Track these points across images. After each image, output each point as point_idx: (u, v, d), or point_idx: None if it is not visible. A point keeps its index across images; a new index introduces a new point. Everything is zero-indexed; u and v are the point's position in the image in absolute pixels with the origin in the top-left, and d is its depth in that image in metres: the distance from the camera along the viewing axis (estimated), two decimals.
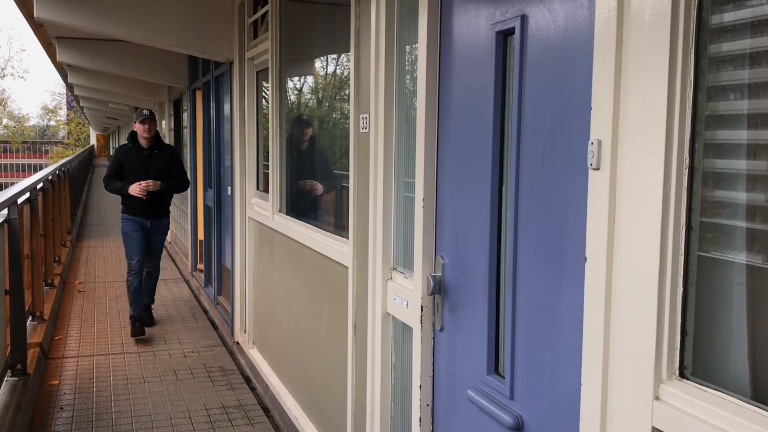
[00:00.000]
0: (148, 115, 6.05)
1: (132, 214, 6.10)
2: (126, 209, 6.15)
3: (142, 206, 6.00)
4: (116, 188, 6.04)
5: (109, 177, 6.10)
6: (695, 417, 1.30)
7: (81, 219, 14.83)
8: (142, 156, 6.02)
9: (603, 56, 1.48)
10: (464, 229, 2.21)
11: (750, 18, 1.29)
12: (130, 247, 6.14)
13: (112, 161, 6.19)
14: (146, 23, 5.58)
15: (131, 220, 6.11)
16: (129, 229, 6.12)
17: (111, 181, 6.07)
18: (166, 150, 6.24)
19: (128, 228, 6.12)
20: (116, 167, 6.09)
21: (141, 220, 6.10)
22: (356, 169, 3.01)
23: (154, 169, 6.01)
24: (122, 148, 6.22)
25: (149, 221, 6.14)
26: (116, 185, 6.03)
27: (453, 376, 2.30)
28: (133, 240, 6.14)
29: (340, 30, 3.29)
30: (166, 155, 6.16)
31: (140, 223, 6.11)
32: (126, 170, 6.00)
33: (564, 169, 1.69)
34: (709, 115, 1.35)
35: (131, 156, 6.03)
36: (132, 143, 6.06)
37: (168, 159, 6.16)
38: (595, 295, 1.53)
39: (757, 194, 1.28)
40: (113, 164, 6.12)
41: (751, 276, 1.30)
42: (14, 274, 4.58)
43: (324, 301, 3.62)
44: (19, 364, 4.55)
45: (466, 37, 2.17)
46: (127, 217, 6.14)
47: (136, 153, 6.03)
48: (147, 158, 6.02)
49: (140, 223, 6.11)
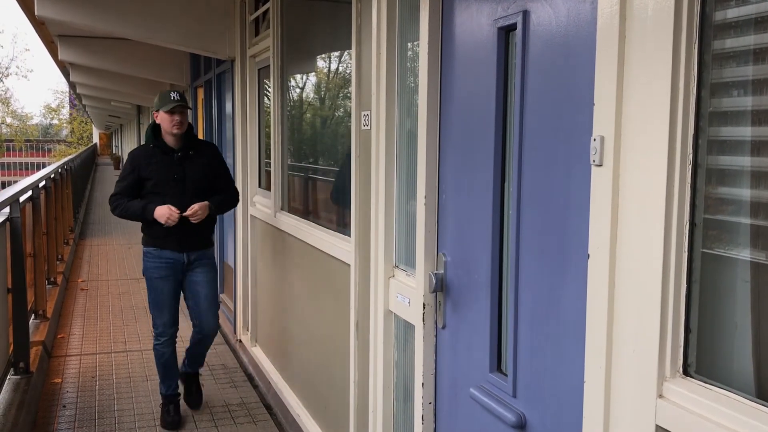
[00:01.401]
0: (179, 101, 3.93)
1: (159, 246, 4.04)
2: (150, 240, 4.08)
3: (173, 233, 3.96)
4: (133, 211, 3.96)
5: (118, 196, 4.02)
6: (699, 415, 1.30)
7: (84, 217, 14.85)
8: (172, 161, 3.98)
9: (605, 52, 1.47)
10: (466, 227, 2.20)
11: (754, 14, 1.27)
12: (156, 302, 4.11)
13: (123, 172, 4.09)
14: (148, 21, 5.57)
15: (158, 259, 4.06)
16: (154, 273, 4.06)
17: (121, 200, 3.99)
18: (205, 150, 4.17)
19: (153, 270, 4.07)
20: (131, 182, 3.99)
21: (173, 256, 4.06)
22: (358, 167, 3.00)
23: (192, 179, 4.00)
24: (140, 152, 4.11)
25: (186, 255, 4.08)
26: (132, 207, 3.96)
27: (455, 373, 2.29)
28: (159, 290, 4.08)
29: (341, 27, 3.28)
30: (206, 157, 4.12)
31: (172, 261, 4.06)
32: (150, 185, 3.97)
33: (566, 166, 1.68)
34: (712, 111, 1.34)
35: (155, 162, 3.98)
36: (154, 143, 4.01)
37: (210, 163, 4.13)
38: (598, 292, 1.52)
39: (761, 191, 1.27)
40: (125, 176, 4.02)
41: (755, 273, 1.29)
42: (17, 273, 4.58)
43: (326, 299, 3.62)
44: (22, 363, 4.55)
45: (468, 33, 2.15)
46: (151, 253, 4.07)
47: (162, 157, 3.99)
48: (180, 164, 4.00)
49: (172, 262, 4.06)
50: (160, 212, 3.90)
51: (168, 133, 3.99)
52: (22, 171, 60.35)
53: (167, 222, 3.88)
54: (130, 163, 4.05)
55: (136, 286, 8.21)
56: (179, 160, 4.02)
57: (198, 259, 4.15)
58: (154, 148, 4.03)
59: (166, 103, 3.94)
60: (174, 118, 3.94)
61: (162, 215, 3.89)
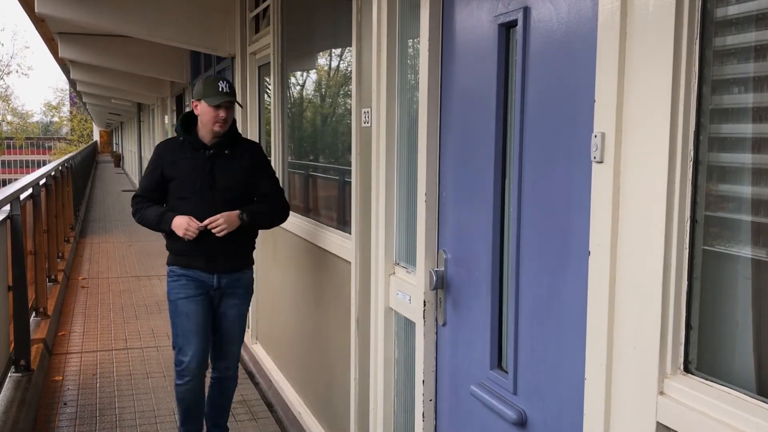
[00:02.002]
0: (228, 93, 3.26)
1: (185, 264, 3.36)
2: (173, 257, 3.43)
3: (201, 249, 3.29)
4: (149, 219, 3.34)
5: (139, 198, 3.43)
6: (700, 412, 1.29)
7: (84, 215, 14.85)
8: (202, 160, 3.31)
9: (606, 48, 1.47)
10: (467, 224, 2.20)
11: (755, 10, 1.27)
12: (181, 329, 3.36)
13: (147, 168, 3.48)
14: (148, 18, 5.57)
15: (183, 277, 3.37)
16: (179, 292, 3.37)
17: (141, 204, 3.40)
18: (245, 150, 3.45)
19: (178, 289, 3.38)
20: (153, 181, 3.38)
21: (201, 277, 3.36)
22: (358, 164, 3.00)
23: (223, 184, 3.32)
24: (166, 145, 3.50)
25: (216, 278, 3.38)
26: (150, 214, 3.34)
27: (456, 371, 2.29)
28: (185, 313, 3.35)
29: (341, 24, 3.28)
30: (245, 159, 3.39)
31: (200, 282, 3.37)
32: (173, 186, 3.34)
33: (567, 163, 1.68)
34: (713, 108, 1.34)
35: (183, 159, 3.33)
36: (185, 136, 3.34)
37: (250, 167, 3.40)
38: (598, 289, 1.51)
39: (762, 188, 1.27)
40: (148, 174, 3.43)
41: (756, 270, 1.28)
42: (17, 271, 4.58)
43: (327, 297, 3.62)
44: (22, 360, 4.55)
45: (468, 29, 2.15)
46: (174, 272, 3.41)
47: (192, 154, 3.32)
48: (211, 164, 3.31)
49: (200, 283, 3.37)
50: (177, 222, 3.23)
51: (206, 128, 3.29)
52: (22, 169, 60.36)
53: (184, 235, 3.21)
54: (154, 158, 3.44)
55: (137, 283, 8.22)
56: (210, 159, 3.30)
57: (230, 285, 3.39)
58: (183, 142, 3.34)
59: (212, 94, 3.22)
60: (219, 114, 3.23)
61: (179, 226, 3.22)
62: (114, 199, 18.94)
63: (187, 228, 3.22)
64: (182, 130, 3.35)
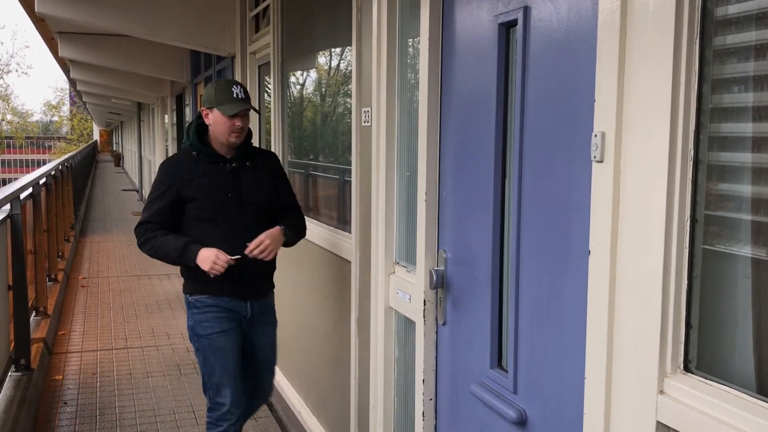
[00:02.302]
0: (243, 97, 2.92)
1: (215, 293, 2.95)
2: (196, 284, 2.96)
3: (233, 275, 2.87)
4: (167, 252, 2.87)
5: (146, 225, 2.92)
6: (700, 411, 1.29)
7: (84, 214, 14.85)
8: (223, 174, 2.94)
9: (606, 47, 1.47)
10: (467, 223, 2.20)
11: (755, 10, 1.27)
12: (219, 368, 2.96)
13: (155, 190, 2.96)
14: (148, 17, 5.57)
15: (213, 309, 2.95)
16: (213, 329, 2.94)
17: (151, 233, 2.90)
18: (264, 160, 3.12)
19: (209, 324, 2.95)
20: (166, 204, 2.91)
21: (233, 306, 2.98)
22: (358, 164, 3.00)
23: (251, 197, 2.97)
24: (177, 162, 3.02)
25: (249, 306, 3.02)
26: (167, 246, 2.87)
27: (456, 370, 2.29)
28: (220, 350, 2.95)
29: (341, 23, 3.27)
30: (266, 171, 3.08)
31: (232, 312, 2.99)
32: (194, 207, 2.91)
33: (567, 162, 1.68)
34: (713, 107, 1.34)
35: (201, 175, 2.92)
36: (199, 149, 2.94)
37: (271, 178, 3.09)
38: (598, 288, 1.52)
39: (762, 187, 1.27)
40: (158, 197, 2.93)
41: (756, 269, 1.29)
42: (17, 270, 4.58)
43: (327, 296, 3.62)
44: (22, 360, 4.55)
45: (469, 29, 2.15)
46: (201, 302, 2.96)
47: (210, 168, 2.93)
48: (235, 178, 2.95)
49: (232, 314, 2.99)
50: (204, 256, 2.79)
51: (220, 139, 2.91)
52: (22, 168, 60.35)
53: (210, 271, 2.78)
54: (163, 179, 2.92)
55: (137, 283, 8.22)
56: (233, 173, 2.94)
57: (262, 312, 3.07)
58: (198, 156, 2.93)
59: (227, 101, 2.86)
60: (235, 124, 2.87)
61: (206, 260, 2.79)
62: (114, 199, 18.94)
63: (215, 262, 2.78)
64: (198, 144, 2.94)
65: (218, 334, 2.95)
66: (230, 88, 2.90)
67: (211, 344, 2.95)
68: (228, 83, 2.95)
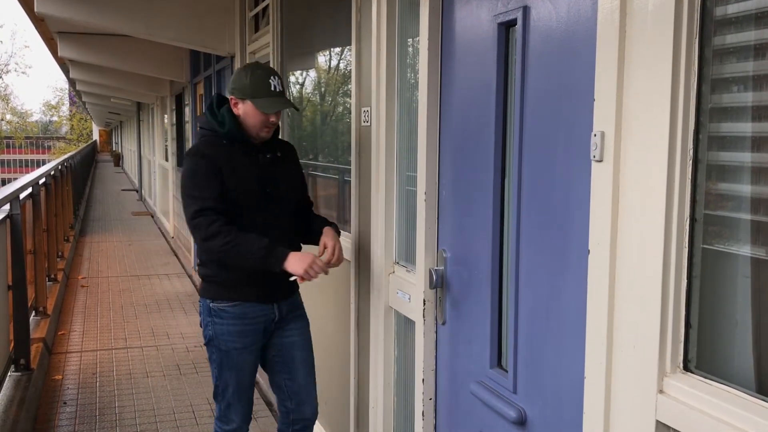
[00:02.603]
0: (281, 90, 2.65)
1: (241, 297, 2.67)
2: (223, 289, 2.67)
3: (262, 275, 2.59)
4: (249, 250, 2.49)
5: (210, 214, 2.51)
6: (700, 410, 1.30)
7: (84, 214, 14.85)
8: (258, 166, 2.68)
9: (606, 47, 1.47)
10: (466, 223, 2.20)
11: (754, 9, 1.27)
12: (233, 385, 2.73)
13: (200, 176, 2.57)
14: (147, 17, 5.57)
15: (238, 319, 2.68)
16: (234, 342, 2.68)
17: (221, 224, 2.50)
18: (288, 150, 2.89)
19: (232, 337, 2.68)
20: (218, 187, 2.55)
21: (261, 312, 2.71)
22: (358, 163, 3.00)
23: (285, 191, 2.76)
24: (213, 148, 2.63)
25: (276, 308, 2.75)
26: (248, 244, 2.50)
27: (456, 369, 2.29)
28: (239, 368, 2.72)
29: (341, 23, 3.27)
30: (293, 163, 2.89)
31: (261, 319, 2.72)
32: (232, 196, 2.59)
33: (567, 162, 1.68)
34: (713, 107, 1.34)
35: (242, 165, 2.63)
36: (237, 137, 2.64)
37: (298, 170, 2.91)
38: (598, 288, 1.52)
39: (761, 187, 1.27)
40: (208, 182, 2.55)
41: (755, 269, 1.29)
42: (17, 270, 4.58)
43: (326, 295, 3.62)
44: (22, 360, 4.55)
45: (468, 28, 2.15)
46: (227, 311, 2.67)
47: (244, 159, 2.65)
48: (269, 171, 2.71)
49: (261, 321, 2.72)
50: (298, 259, 2.50)
51: (249, 133, 2.66)
52: (21, 168, 60.33)
53: (304, 274, 2.50)
54: (209, 164, 2.56)
55: (137, 282, 8.22)
56: (270, 165, 2.70)
57: (291, 311, 2.81)
58: (232, 145, 2.63)
59: (264, 94, 2.59)
60: (269, 119, 2.63)
61: (299, 263, 2.49)
62: (113, 199, 18.94)
63: (311, 267, 2.49)
64: (229, 132, 2.62)
65: (240, 350, 2.69)
66: (268, 80, 2.62)
67: (230, 360, 2.70)
68: (265, 72, 2.65)
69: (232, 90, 2.65)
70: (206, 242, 2.52)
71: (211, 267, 2.68)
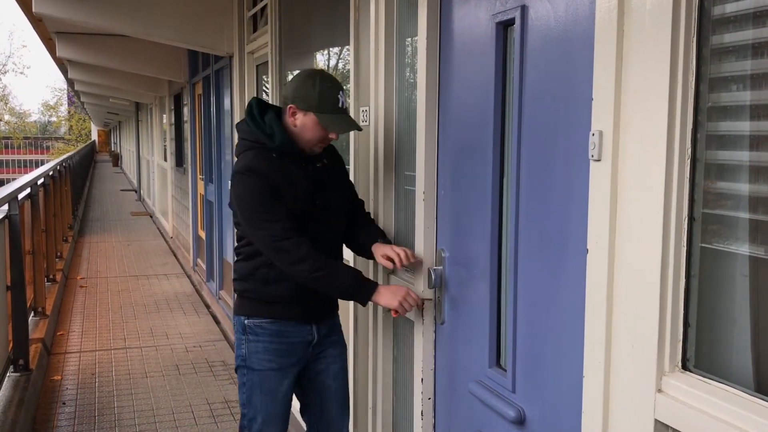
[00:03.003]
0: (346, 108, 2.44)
1: (279, 314, 2.49)
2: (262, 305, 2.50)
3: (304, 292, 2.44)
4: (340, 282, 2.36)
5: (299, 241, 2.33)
6: (698, 409, 1.30)
7: (83, 214, 14.84)
8: (308, 177, 2.44)
9: (604, 46, 1.47)
10: (465, 222, 2.20)
11: (752, 8, 1.27)
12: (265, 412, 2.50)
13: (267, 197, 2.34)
14: (145, 17, 5.56)
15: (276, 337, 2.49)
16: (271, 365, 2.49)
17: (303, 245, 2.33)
18: (331, 153, 2.60)
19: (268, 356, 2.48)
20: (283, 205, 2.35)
21: (299, 332, 2.51)
22: (356, 163, 3.00)
23: (336, 202, 2.53)
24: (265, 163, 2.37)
25: (315, 329, 2.55)
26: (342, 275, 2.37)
27: (454, 369, 2.29)
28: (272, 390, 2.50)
29: (339, 22, 3.27)
30: (339, 169, 2.62)
31: (298, 340, 2.52)
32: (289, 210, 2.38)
33: (565, 161, 1.68)
34: (711, 106, 1.34)
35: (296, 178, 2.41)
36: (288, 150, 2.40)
37: (344, 174, 2.67)
38: (596, 287, 1.52)
39: (759, 185, 1.27)
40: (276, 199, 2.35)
41: (754, 267, 1.29)
42: (16, 270, 4.58)
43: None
44: (21, 360, 4.55)
45: (466, 28, 2.15)
46: (264, 328, 2.48)
47: (293, 171, 2.41)
48: (319, 181, 2.47)
49: (297, 343, 2.52)
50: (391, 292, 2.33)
51: (300, 145, 2.41)
52: (20, 168, 60.29)
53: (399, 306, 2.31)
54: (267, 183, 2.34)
55: (135, 283, 8.22)
56: (319, 175, 2.47)
57: (329, 334, 2.60)
58: (282, 158, 2.40)
59: (330, 110, 2.36)
60: (329, 137, 2.41)
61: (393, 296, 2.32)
62: (112, 199, 18.93)
63: (405, 299, 2.31)
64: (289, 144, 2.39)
65: (275, 371, 2.48)
66: (337, 94, 2.37)
67: (261, 382, 2.47)
68: (334, 86, 2.39)
69: (294, 98, 2.38)
70: (294, 266, 2.33)
71: (252, 282, 2.48)
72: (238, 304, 2.56)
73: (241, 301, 2.55)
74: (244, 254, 2.52)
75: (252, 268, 2.48)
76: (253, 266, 2.48)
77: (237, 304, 2.56)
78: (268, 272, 2.44)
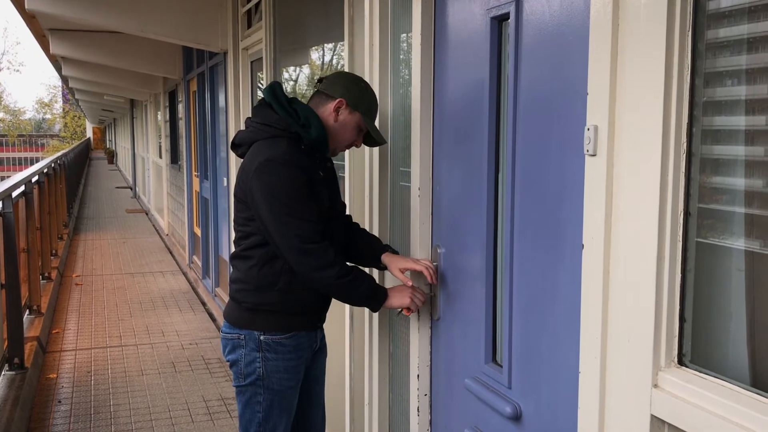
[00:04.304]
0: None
1: (299, 327, 2.34)
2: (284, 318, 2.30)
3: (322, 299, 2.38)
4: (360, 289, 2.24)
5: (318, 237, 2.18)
6: (694, 404, 1.29)
7: (78, 212, 14.81)
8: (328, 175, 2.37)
9: (599, 41, 1.47)
10: (461, 218, 2.20)
11: (747, 3, 1.27)
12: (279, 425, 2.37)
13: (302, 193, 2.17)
14: (139, 13, 5.54)
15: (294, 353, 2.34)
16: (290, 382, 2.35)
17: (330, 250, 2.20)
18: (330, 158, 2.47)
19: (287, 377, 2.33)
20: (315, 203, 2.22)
21: (308, 341, 2.39)
22: (351, 159, 2.99)
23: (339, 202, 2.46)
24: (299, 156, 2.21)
25: (318, 335, 2.47)
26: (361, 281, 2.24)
27: (450, 365, 2.29)
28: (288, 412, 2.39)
29: (334, 18, 3.26)
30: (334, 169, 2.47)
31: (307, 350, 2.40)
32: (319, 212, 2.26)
33: (560, 156, 1.68)
34: (706, 100, 1.33)
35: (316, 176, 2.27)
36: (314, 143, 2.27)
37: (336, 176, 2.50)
38: (592, 282, 1.51)
39: (755, 180, 1.27)
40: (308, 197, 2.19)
41: (749, 262, 1.29)
42: (10, 268, 4.57)
43: None
44: (16, 358, 4.54)
45: (461, 23, 2.14)
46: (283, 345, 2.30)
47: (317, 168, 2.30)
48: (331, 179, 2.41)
49: (308, 351, 2.41)
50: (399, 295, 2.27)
51: (332, 145, 2.35)
52: (15, 166, 60.08)
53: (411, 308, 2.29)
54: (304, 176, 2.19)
55: (131, 280, 8.20)
56: (329, 176, 2.38)
57: (323, 339, 2.54)
58: (310, 153, 2.27)
59: (373, 117, 2.36)
60: (358, 142, 2.38)
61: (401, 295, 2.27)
62: (108, 196, 18.89)
63: (413, 295, 2.26)
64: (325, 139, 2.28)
65: (294, 388, 2.36)
66: (377, 106, 2.41)
67: (283, 401, 2.33)
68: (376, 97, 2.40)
69: (344, 94, 2.28)
70: (319, 271, 2.17)
71: (273, 294, 2.25)
72: (248, 317, 2.29)
73: (252, 314, 2.28)
74: (257, 258, 2.24)
75: (272, 276, 2.23)
76: (272, 274, 2.23)
77: (246, 318, 2.29)
78: (290, 280, 2.22)
